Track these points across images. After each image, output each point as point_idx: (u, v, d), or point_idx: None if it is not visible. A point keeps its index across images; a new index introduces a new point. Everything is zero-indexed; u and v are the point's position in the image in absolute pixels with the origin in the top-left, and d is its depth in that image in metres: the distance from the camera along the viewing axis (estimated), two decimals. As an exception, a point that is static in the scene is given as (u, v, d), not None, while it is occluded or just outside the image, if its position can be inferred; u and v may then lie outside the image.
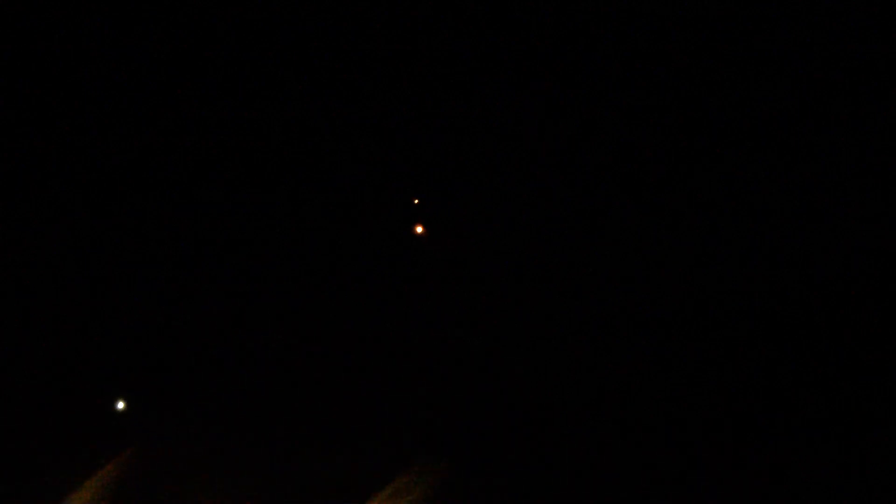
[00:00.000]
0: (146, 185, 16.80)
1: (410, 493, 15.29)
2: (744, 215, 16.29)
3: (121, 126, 16.75)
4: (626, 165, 16.61)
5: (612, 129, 16.55)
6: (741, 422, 15.73)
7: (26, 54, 16.48)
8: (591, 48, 16.62)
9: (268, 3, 16.59)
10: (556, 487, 15.56)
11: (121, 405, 16.15)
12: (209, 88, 16.75)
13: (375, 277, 16.37)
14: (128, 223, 16.73)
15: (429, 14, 16.51)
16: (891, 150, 16.03)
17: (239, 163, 16.77)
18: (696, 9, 16.32)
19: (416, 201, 16.41)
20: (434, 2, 16.54)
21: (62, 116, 16.69)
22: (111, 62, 16.59)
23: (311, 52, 16.72)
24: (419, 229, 16.37)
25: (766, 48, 16.33)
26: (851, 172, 16.10)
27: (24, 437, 15.85)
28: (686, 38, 16.43)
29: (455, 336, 16.13)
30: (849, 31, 16.10)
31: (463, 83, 16.77)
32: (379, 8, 16.57)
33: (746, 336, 16.05)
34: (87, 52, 16.54)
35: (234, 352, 16.26)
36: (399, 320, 16.32)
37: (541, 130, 16.74)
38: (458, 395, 15.99)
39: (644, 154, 16.57)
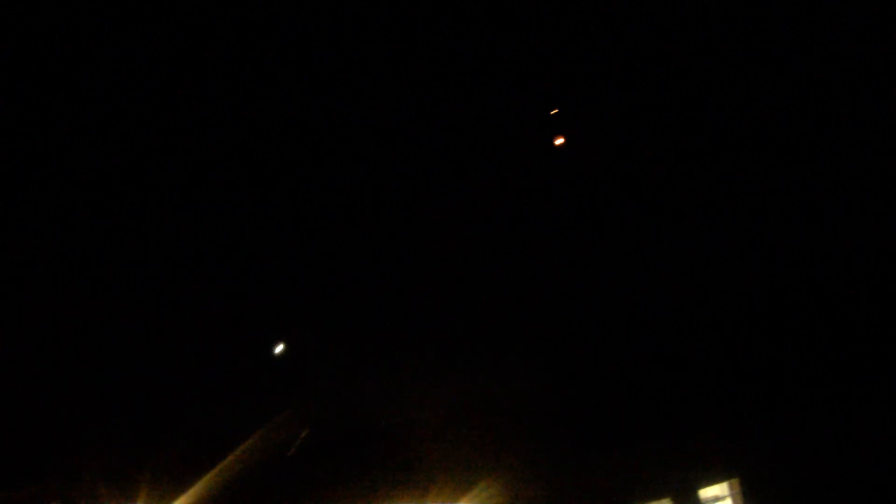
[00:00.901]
0: (146, 185, 16.81)
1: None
2: (744, 215, 16.33)
3: (121, 126, 16.74)
4: (626, 165, 16.64)
5: (613, 130, 16.57)
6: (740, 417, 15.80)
7: (26, 54, 16.47)
8: (591, 48, 16.64)
9: (268, 3, 16.59)
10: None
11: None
12: (209, 88, 16.75)
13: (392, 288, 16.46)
14: (128, 223, 16.74)
15: (429, 14, 16.52)
16: (891, 150, 16.06)
17: (239, 163, 16.78)
18: (696, 9, 16.34)
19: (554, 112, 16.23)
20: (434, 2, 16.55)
21: (62, 116, 16.68)
22: (111, 62, 16.58)
23: (311, 53, 16.73)
24: (559, 141, 16.28)
25: (766, 48, 16.35)
26: (851, 172, 16.13)
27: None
28: (686, 38, 16.46)
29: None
30: (849, 31, 16.11)
31: (463, 83, 16.79)
32: (379, 8, 16.58)
33: (746, 336, 16.11)
34: (87, 52, 16.52)
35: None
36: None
37: (541, 131, 16.77)
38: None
39: (644, 154, 16.60)
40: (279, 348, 16.23)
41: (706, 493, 15.34)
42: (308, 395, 16.14)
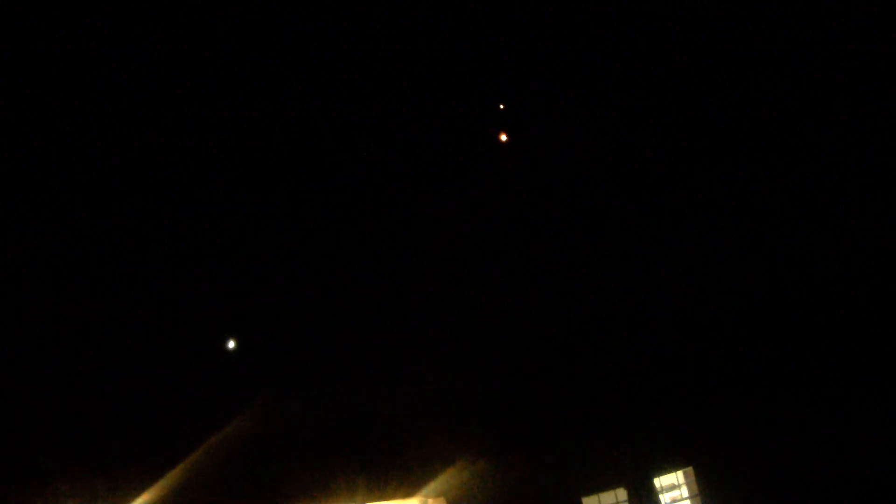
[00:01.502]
0: (146, 185, 16.80)
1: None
2: (744, 215, 16.36)
3: (121, 126, 16.73)
4: (626, 165, 16.67)
5: (613, 130, 16.59)
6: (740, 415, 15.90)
7: (26, 54, 16.46)
8: (591, 48, 16.64)
9: (268, 3, 16.58)
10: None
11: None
12: (209, 88, 16.75)
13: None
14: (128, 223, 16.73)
15: (429, 14, 16.51)
16: (891, 150, 16.08)
17: (239, 163, 16.78)
18: (696, 9, 16.34)
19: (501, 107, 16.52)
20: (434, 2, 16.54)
21: (62, 117, 16.67)
22: (111, 62, 16.57)
23: (311, 52, 16.73)
24: (503, 137, 16.52)
25: (766, 48, 16.35)
26: (851, 172, 16.15)
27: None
28: (686, 38, 16.46)
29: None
30: (849, 31, 16.12)
31: (463, 83, 16.79)
32: (379, 8, 16.57)
33: (698, 329, 16.31)
34: (88, 52, 16.51)
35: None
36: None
37: (542, 131, 16.79)
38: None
39: (644, 154, 16.62)
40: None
41: (663, 481, 16.06)
42: (278, 394, 16.32)
